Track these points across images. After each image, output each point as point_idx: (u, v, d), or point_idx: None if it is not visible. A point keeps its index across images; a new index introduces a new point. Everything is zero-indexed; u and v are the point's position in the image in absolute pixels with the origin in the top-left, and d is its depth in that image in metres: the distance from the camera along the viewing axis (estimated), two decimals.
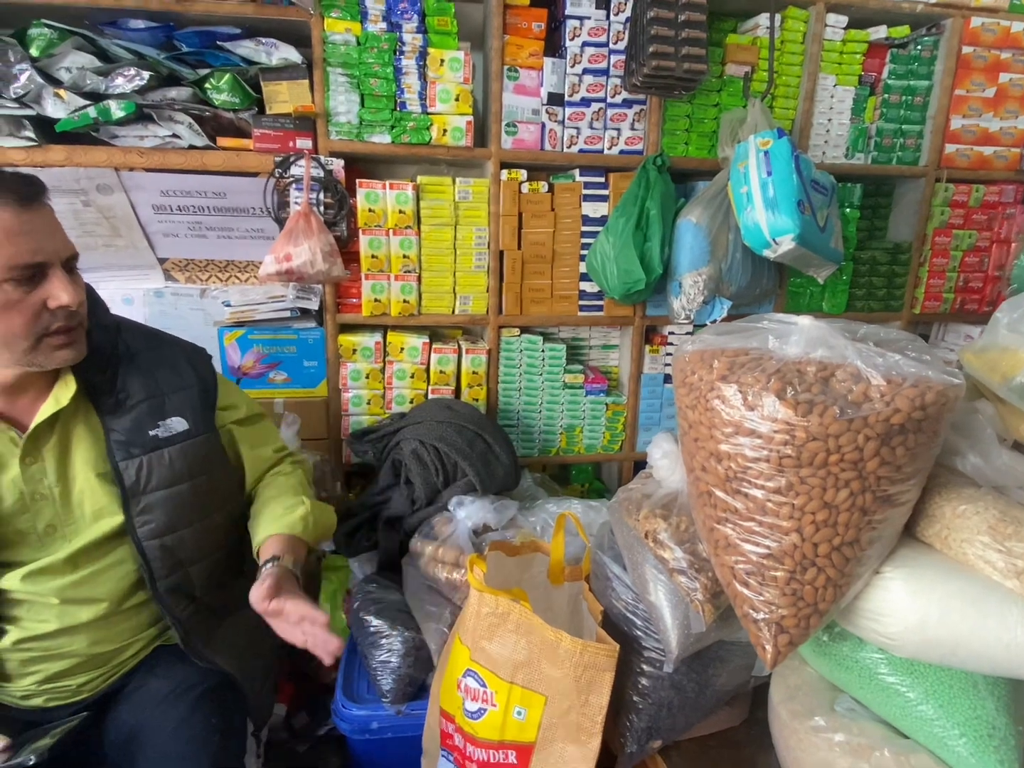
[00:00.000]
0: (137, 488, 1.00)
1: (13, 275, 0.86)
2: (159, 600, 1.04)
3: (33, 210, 0.89)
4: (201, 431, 1.07)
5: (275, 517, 1.08)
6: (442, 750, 1.11)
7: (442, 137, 1.59)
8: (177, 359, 1.09)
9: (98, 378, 1.00)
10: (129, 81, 1.41)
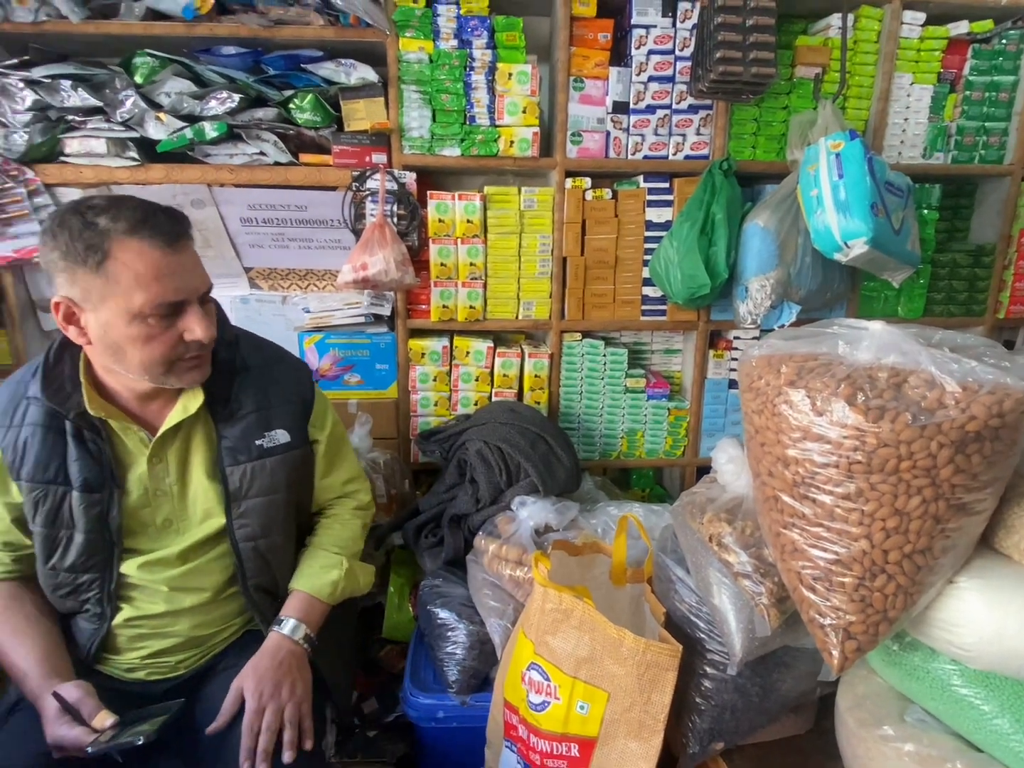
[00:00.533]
0: (239, 493, 1.09)
1: (157, 311, 0.94)
2: (247, 596, 1.13)
3: (179, 250, 0.97)
4: (299, 444, 1.15)
5: (310, 572, 1.15)
6: (505, 741, 1.15)
7: (509, 149, 1.64)
8: (285, 374, 1.17)
9: (218, 389, 1.08)
10: (221, 104, 1.53)
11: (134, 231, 0.92)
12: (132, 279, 0.92)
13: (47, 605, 1.11)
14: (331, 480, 1.24)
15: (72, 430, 1.03)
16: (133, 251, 0.92)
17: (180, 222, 0.99)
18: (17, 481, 1.04)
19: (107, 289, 0.93)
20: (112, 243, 0.92)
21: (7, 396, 1.06)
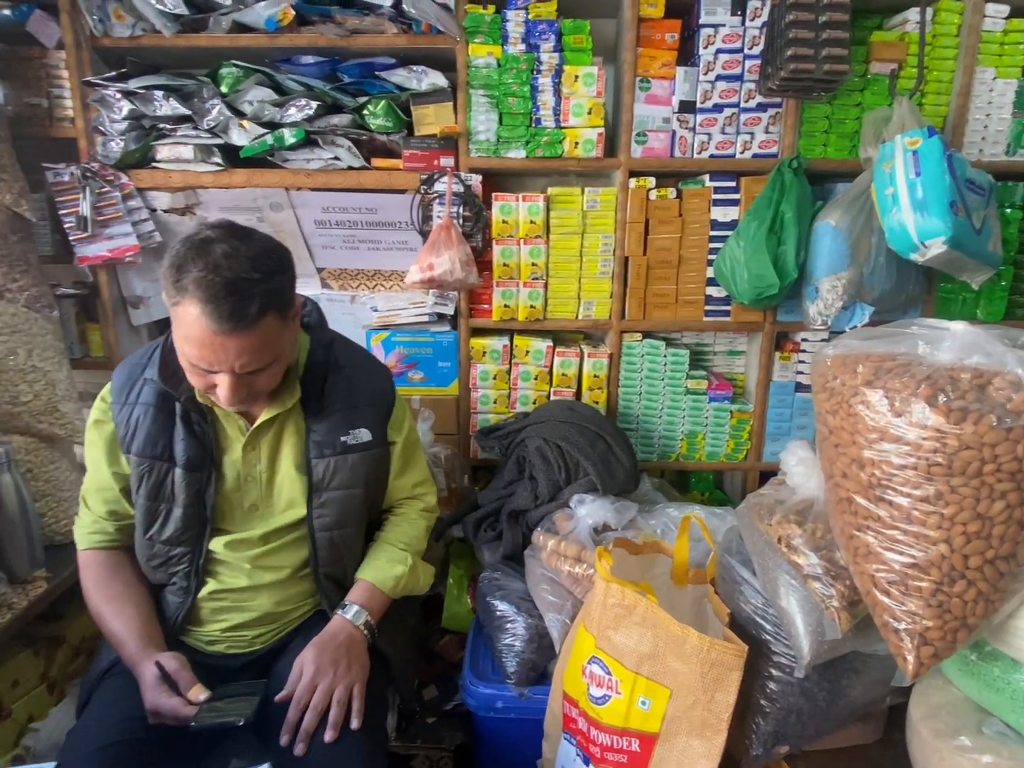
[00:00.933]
0: (321, 484, 1.15)
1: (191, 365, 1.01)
2: (316, 582, 1.19)
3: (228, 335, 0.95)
4: (379, 443, 1.20)
5: (377, 565, 1.21)
6: (564, 733, 1.17)
7: (573, 150, 1.66)
8: (372, 377, 1.24)
9: (312, 386, 1.15)
10: (300, 111, 1.60)
11: (199, 302, 0.94)
12: (184, 332, 0.97)
13: (143, 576, 1.19)
14: (403, 481, 1.29)
15: (181, 412, 1.11)
16: (192, 316, 0.95)
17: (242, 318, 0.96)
18: (127, 454, 1.13)
19: (174, 320, 0.99)
20: (184, 297, 0.95)
21: (124, 375, 1.15)
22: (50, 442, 1.57)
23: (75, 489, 1.61)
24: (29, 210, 1.52)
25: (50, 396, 1.54)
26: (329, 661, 1.05)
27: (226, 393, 1.00)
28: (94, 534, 1.20)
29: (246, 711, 1.01)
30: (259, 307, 0.97)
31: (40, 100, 1.63)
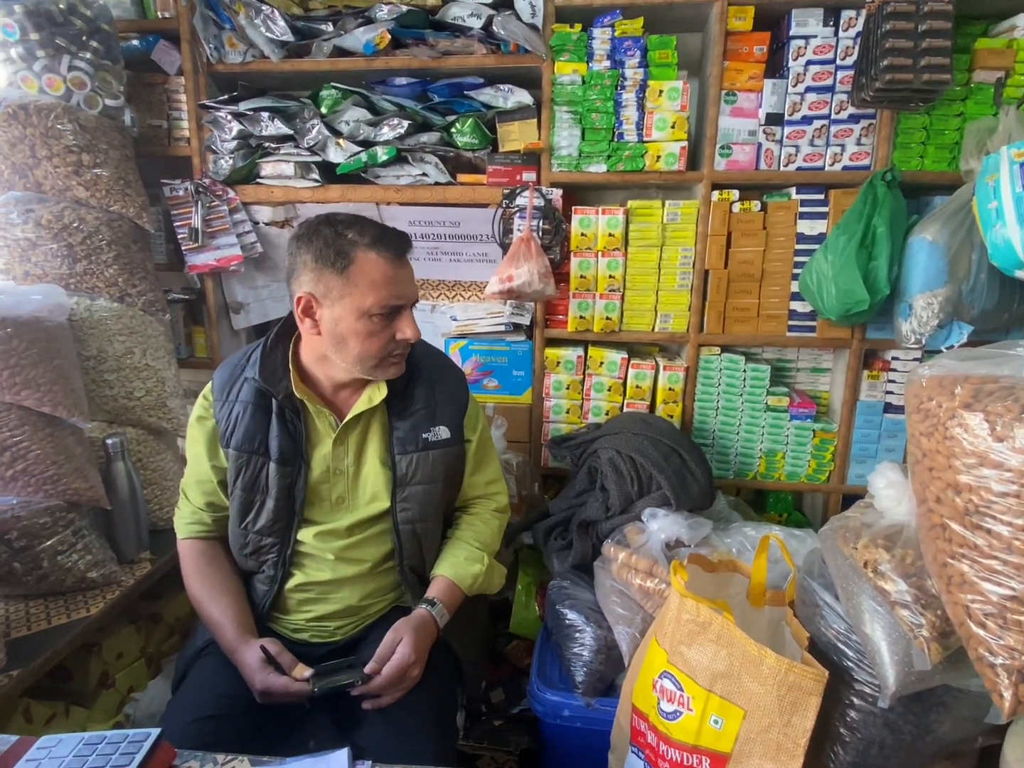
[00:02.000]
0: (404, 479, 1.21)
1: (382, 312, 1.11)
2: (401, 572, 1.25)
3: (403, 264, 1.15)
4: (457, 441, 1.26)
5: (455, 562, 1.25)
6: (632, 746, 1.16)
7: (655, 163, 1.66)
8: (450, 378, 1.30)
9: (397, 385, 1.22)
10: (392, 129, 1.69)
11: (373, 244, 1.10)
12: (368, 283, 1.09)
13: (236, 566, 1.28)
14: (477, 479, 1.34)
15: (277, 409, 1.19)
16: (371, 261, 1.09)
17: (406, 242, 1.15)
18: (226, 449, 1.22)
19: (346, 289, 1.10)
20: (357, 252, 1.09)
21: (226, 375, 1.25)
22: (157, 435, 1.71)
23: (177, 479, 1.74)
24: (149, 222, 1.67)
25: (160, 392, 1.67)
26: (422, 651, 1.13)
27: (412, 325, 1.14)
28: (193, 524, 1.29)
29: (357, 674, 1.08)
30: (407, 242, 1.16)
31: (161, 122, 1.79)
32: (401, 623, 1.15)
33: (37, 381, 1.34)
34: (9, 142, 1.49)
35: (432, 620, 1.17)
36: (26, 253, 1.53)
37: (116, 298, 1.61)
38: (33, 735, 0.93)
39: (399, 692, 1.10)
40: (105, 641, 1.50)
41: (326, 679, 1.08)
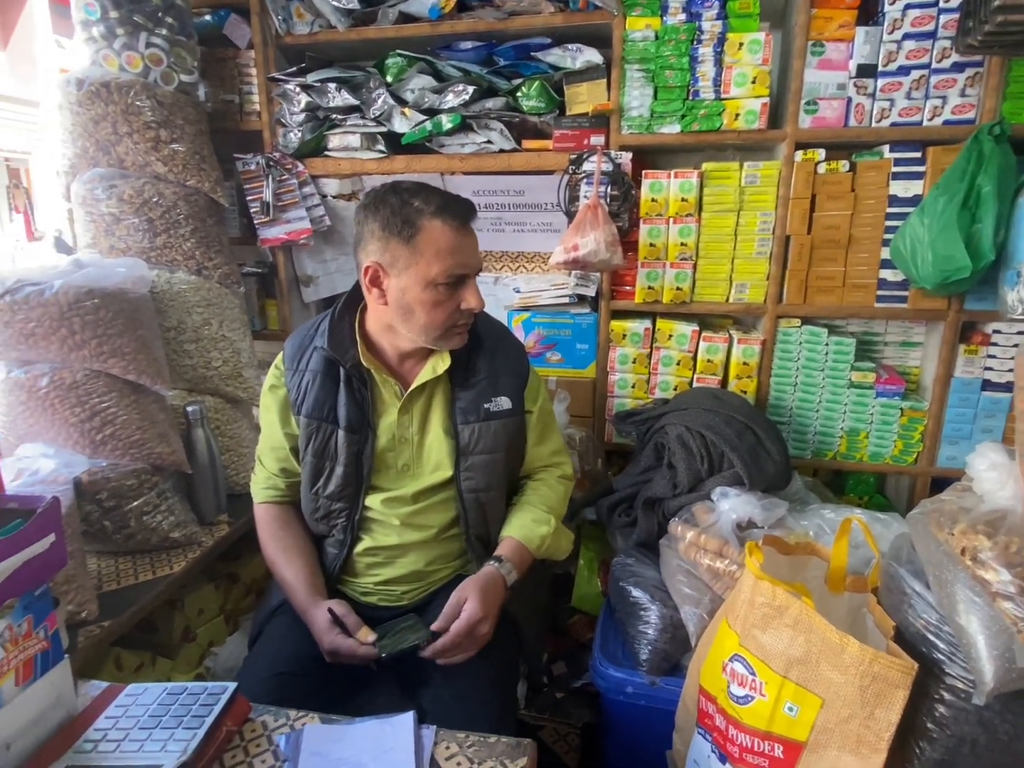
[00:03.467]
0: (467, 449, 1.21)
1: (447, 280, 1.10)
2: (467, 540, 1.25)
3: (468, 232, 1.14)
4: (518, 411, 1.25)
5: (523, 523, 1.24)
6: (698, 728, 1.13)
7: (733, 122, 1.56)
8: (510, 349, 1.29)
9: (459, 357, 1.22)
10: (457, 96, 1.66)
11: (439, 213, 1.09)
12: (434, 252, 1.09)
13: (308, 529, 1.32)
14: (541, 449, 1.32)
15: (344, 378, 1.21)
16: (437, 229, 1.09)
17: (471, 210, 1.15)
18: (297, 416, 1.25)
19: (412, 258, 1.09)
20: (423, 220, 1.09)
21: (296, 344, 1.28)
22: (234, 403, 1.77)
23: (253, 446, 1.81)
24: (223, 196, 1.71)
25: (236, 363, 1.73)
26: (491, 607, 1.12)
27: (477, 294, 1.13)
28: (267, 489, 1.34)
29: (422, 636, 1.10)
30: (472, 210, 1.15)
31: (233, 97, 1.83)
32: (468, 581, 1.14)
33: (123, 350, 1.40)
34: (93, 120, 1.55)
35: (500, 577, 1.16)
36: (111, 227, 1.59)
37: (194, 271, 1.66)
38: (123, 682, 0.99)
39: (471, 649, 1.10)
40: (187, 598, 1.58)
41: (391, 642, 1.10)
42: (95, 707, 0.95)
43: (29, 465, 1.34)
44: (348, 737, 0.93)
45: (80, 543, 1.29)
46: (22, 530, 0.85)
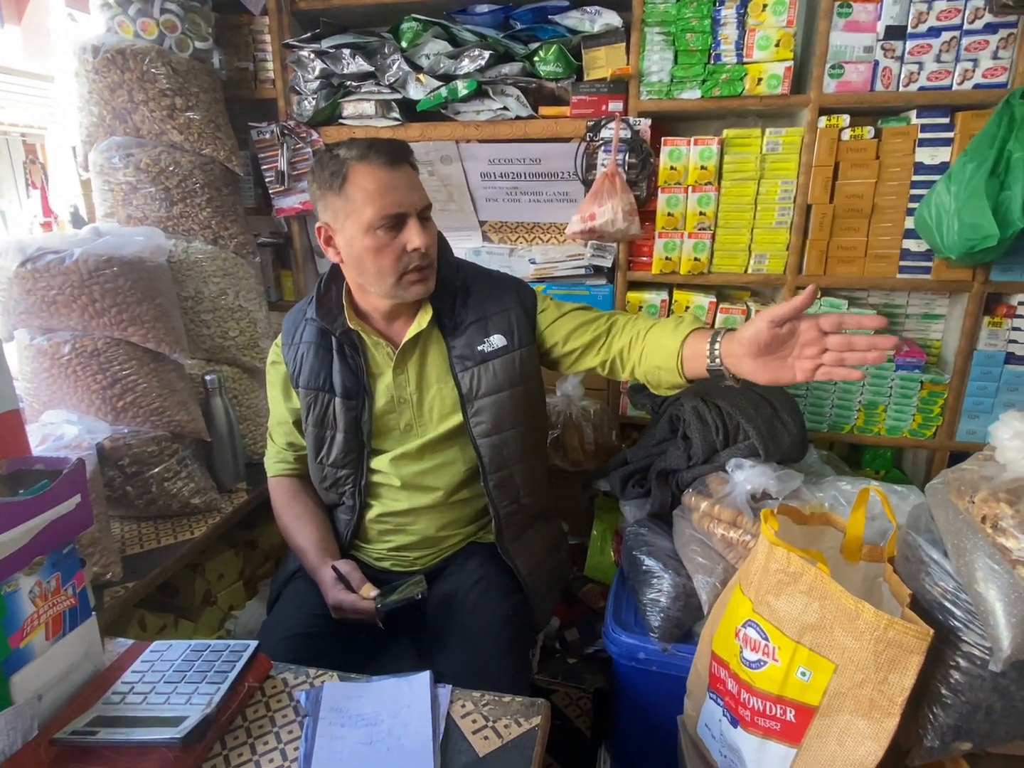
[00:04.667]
0: (471, 394, 1.21)
1: (384, 223, 1.09)
2: (488, 493, 1.25)
3: (398, 170, 1.10)
4: (519, 345, 1.22)
5: (670, 329, 1.11)
6: (710, 692, 1.15)
7: (756, 87, 1.53)
8: (501, 289, 1.27)
9: (444, 306, 1.21)
10: (472, 61, 1.63)
11: (363, 156, 1.08)
12: (363, 196, 1.08)
13: (319, 499, 1.34)
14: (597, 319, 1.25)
15: (336, 346, 1.22)
16: (362, 173, 1.08)
17: (399, 148, 1.13)
18: (296, 389, 1.27)
19: (347, 208, 1.09)
20: (348, 168, 1.09)
21: (291, 320, 1.30)
22: (251, 373, 1.79)
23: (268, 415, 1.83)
24: (238, 165, 1.70)
25: (252, 333, 1.74)
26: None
27: (420, 233, 1.10)
28: (279, 463, 1.38)
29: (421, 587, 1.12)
30: (403, 149, 1.13)
31: (247, 64, 1.81)
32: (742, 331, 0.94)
33: (142, 318, 1.42)
34: (109, 87, 1.55)
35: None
36: (128, 197, 1.60)
37: (210, 240, 1.67)
38: (147, 642, 1.02)
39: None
40: (208, 563, 1.62)
41: (393, 597, 1.13)
42: (122, 662, 0.98)
43: (53, 431, 1.36)
44: (366, 694, 0.95)
45: (104, 507, 1.32)
46: (49, 490, 0.87)
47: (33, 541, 0.86)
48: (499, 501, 1.25)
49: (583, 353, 1.25)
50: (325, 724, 0.90)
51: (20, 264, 1.33)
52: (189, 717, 0.83)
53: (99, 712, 0.87)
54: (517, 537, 1.29)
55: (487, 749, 0.87)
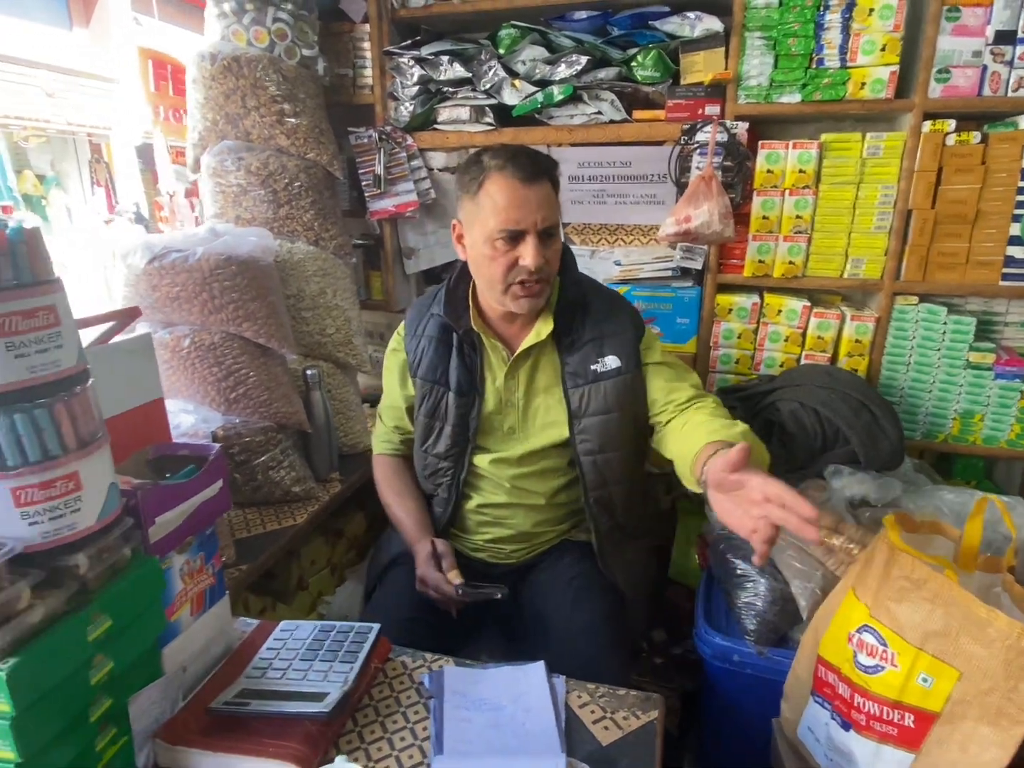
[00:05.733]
0: (579, 412, 1.24)
1: (502, 236, 1.12)
2: (588, 509, 1.27)
3: (531, 187, 1.12)
4: (629, 369, 1.24)
5: (713, 430, 1.06)
6: (815, 696, 1.15)
7: (858, 91, 1.52)
8: (618, 310, 1.29)
9: (563, 321, 1.24)
10: (569, 67, 1.66)
11: (502, 168, 1.12)
12: (491, 207, 1.11)
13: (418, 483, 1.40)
14: (678, 385, 1.23)
15: (457, 343, 1.27)
16: (497, 184, 1.11)
17: (540, 162, 1.15)
18: (414, 378, 1.33)
19: (477, 213, 1.14)
20: (485, 176, 1.12)
21: (416, 311, 1.35)
22: (344, 369, 1.85)
23: (359, 410, 1.90)
24: (339, 169, 1.77)
25: (347, 331, 1.81)
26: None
27: (532, 251, 1.11)
28: (385, 443, 1.45)
29: (499, 591, 1.17)
30: (544, 165, 1.15)
31: (347, 71, 1.88)
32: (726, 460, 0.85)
33: (255, 315, 1.49)
34: (224, 93, 1.63)
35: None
36: (238, 198, 1.68)
37: (312, 241, 1.74)
38: (274, 621, 1.08)
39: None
40: (302, 549, 1.69)
41: (472, 590, 1.18)
42: (254, 640, 1.04)
43: (172, 419, 1.44)
44: (484, 680, 0.99)
45: None
46: (199, 475, 0.93)
47: (186, 522, 0.92)
48: (599, 518, 1.28)
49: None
50: (451, 707, 0.94)
51: (148, 262, 1.42)
52: (330, 693, 0.88)
53: (244, 685, 0.92)
54: (615, 553, 1.31)
55: (609, 739, 0.89)
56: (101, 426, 0.79)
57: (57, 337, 0.71)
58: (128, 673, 0.80)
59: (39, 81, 1.91)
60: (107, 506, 0.78)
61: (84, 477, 0.74)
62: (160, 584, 0.86)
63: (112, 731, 0.78)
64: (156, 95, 1.96)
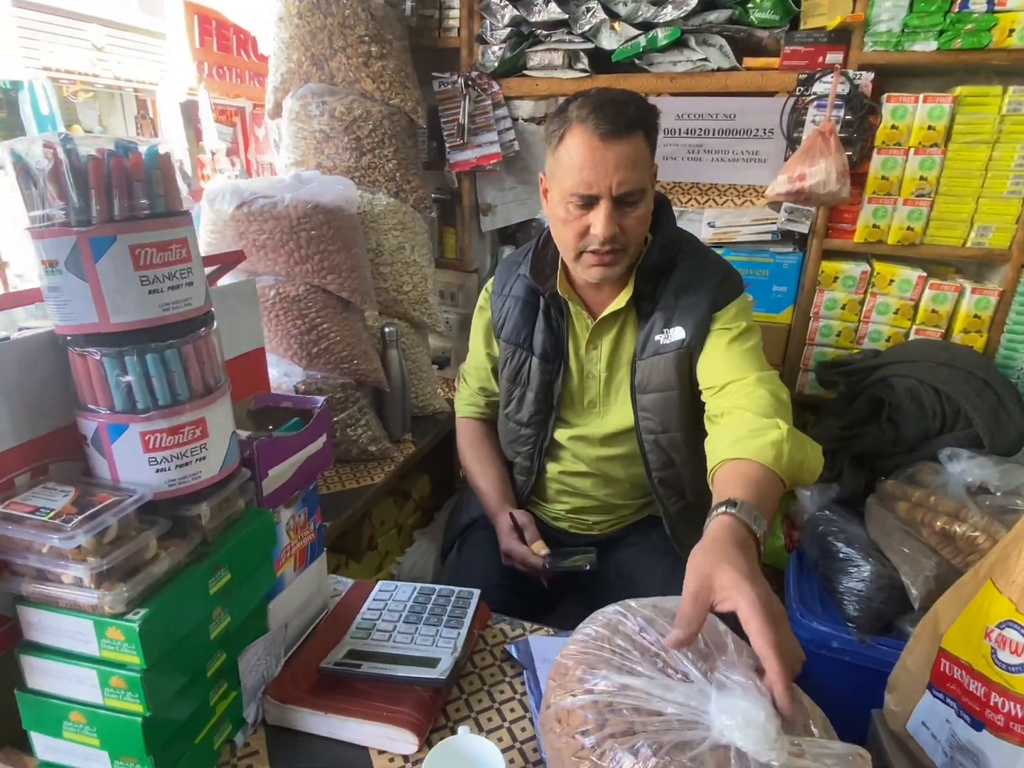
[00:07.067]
0: (641, 386, 1.14)
1: (572, 200, 1.02)
2: (654, 490, 1.21)
3: (612, 145, 0.97)
4: (694, 342, 1.08)
5: (737, 437, 0.89)
6: (935, 691, 1.07)
7: (1005, 39, 1.36)
8: (704, 276, 1.11)
9: (646, 288, 1.12)
10: (677, 8, 1.53)
11: (583, 119, 0.98)
12: (568, 165, 1.00)
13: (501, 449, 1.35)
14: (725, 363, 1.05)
15: (543, 306, 1.19)
16: (576, 138, 0.99)
17: (629, 116, 0.98)
18: (498, 339, 1.26)
19: (556, 169, 1.04)
20: (566, 129, 1.01)
21: (504, 270, 1.28)
22: (418, 328, 1.80)
23: (430, 371, 1.85)
24: (421, 117, 1.69)
25: (423, 289, 1.75)
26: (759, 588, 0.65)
27: (603, 221, 0.99)
28: (469, 405, 1.40)
29: (591, 560, 1.13)
30: (633, 116, 0.98)
31: (432, 12, 1.77)
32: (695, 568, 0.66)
33: (340, 268, 1.44)
34: (311, 32, 1.55)
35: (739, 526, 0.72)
36: (320, 145, 1.61)
37: (392, 193, 1.67)
38: (370, 581, 1.05)
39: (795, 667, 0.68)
40: (374, 508, 1.67)
41: (559, 560, 1.14)
42: (351, 599, 1.01)
43: None
44: None
45: None
46: (305, 429, 0.89)
47: (294, 475, 0.89)
48: (666, 498, 1.19)
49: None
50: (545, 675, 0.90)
51: (236, 207, 1.37)
52: (442, 659, 0.84)
53: (351, 646, 0.89)
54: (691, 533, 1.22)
55: None
56: (223, 372, 0.75)
57: (188, 273, 0.66)
58: (241, 628, 0.77)
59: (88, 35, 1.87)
60: (228, 456, 0.74)
61: (210, 424, 0.70)
62: (272, 538, 0.83)
63: (223, 686, 0.76)
64: (201, 51, 1.90)
